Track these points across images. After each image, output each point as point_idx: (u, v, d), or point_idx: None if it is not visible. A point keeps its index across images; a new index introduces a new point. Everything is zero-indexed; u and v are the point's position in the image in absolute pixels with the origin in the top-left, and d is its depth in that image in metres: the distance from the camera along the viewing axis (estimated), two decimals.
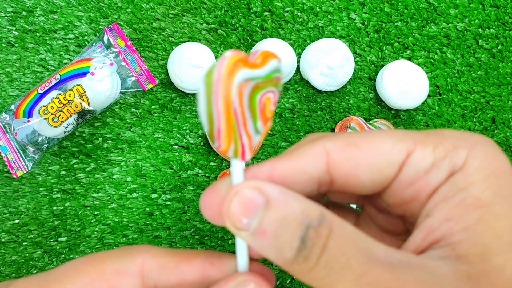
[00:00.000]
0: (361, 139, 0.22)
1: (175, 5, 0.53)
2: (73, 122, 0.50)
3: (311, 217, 0.20)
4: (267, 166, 0.22)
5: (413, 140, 0.21)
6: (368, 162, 0.21)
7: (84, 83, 0.49)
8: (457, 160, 0.21)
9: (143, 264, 0.23)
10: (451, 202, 0.20)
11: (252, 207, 0.20)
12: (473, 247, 0.20)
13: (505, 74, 0.54)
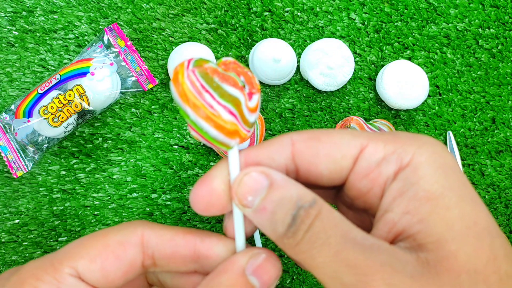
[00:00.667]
0: (323, 134, 0.25)
1: (175, 5, 0.53)
2: (73, 122, 0.50)
3: (304, 200, 0.23)
4: (243, 154, 0.25)
5: (368, 138, 0.24)
6: (326, 153, 0.24)
7: (84, 83, 0.49)
8: (404, 156, 0.23)
9: (142, 234, 0.26)
10: (406, 197, 0.23)
11: (257, 187, 0.24)
12: (429, 236, 0.22)
13: (505, 74, 0.54)
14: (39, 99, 0.49)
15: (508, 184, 0.53)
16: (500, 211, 0.53)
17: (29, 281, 0.25)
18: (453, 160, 0.23)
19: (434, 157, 0.23)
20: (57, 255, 0.26)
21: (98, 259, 0.25)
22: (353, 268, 0.21)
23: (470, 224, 0.22)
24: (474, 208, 0.22)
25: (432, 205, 0.22)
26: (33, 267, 0.25)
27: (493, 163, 0.53)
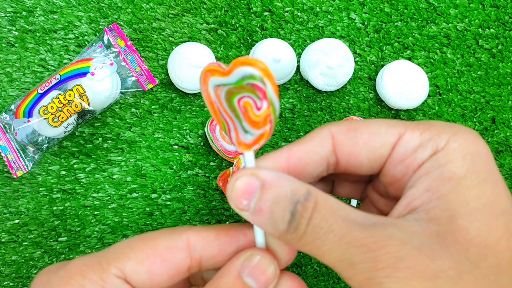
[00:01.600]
0: (361, 124, 0.26)
1: (175, 5, 0.53)
2: (73, 122, 0.50)
3: (299, 194, 0.23)
4: (285, 151, 0.26)
5: (405, 126, 0.25)
6: (366, 142, 0.25)
7: (84, 83, 0.49)
8: (440, 142, 0.24)
9: (188, 239, 0.26)
10: (431, 176, 0.24)
11: (250, 190, 0.24)
12: (443, 211, 0.23)
13: (505, 74, 0.54)
14: (39, 99, 0.49)
15: (508, 184, 0.53)
16: None
17: (76, 277, 0.25)
18: (485, 148, 0.24)
19: (466, 144, 0.24)
20: (106, 254, 0.26)
21: (146, 262, 0.25)
22: (360, 247, 0.22)
23: (487, 203, 0.23)
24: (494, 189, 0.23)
25: (453, 185, 0.23)
26: (81, 264, 0.26)
27: None
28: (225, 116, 0.28)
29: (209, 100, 0.28)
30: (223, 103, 0.28)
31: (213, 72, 0.27)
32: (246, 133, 0.28)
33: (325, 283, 0.52)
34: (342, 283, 0.52)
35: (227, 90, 0.27)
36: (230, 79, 0.26)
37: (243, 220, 0.52)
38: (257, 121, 0.26)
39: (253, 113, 0.27)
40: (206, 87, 0.28)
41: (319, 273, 0.52)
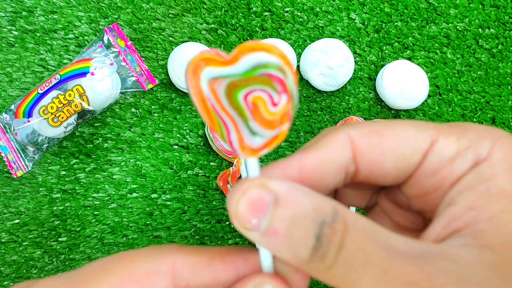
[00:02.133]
0: (385, 127, 0.22)
1: (175, 5, 0.53)
2: (73, 122, 0.50)
3: (324, 213, 0.19)
4: (296, 159, 0.22)
5: (437, 130, 0.21)
6: (393, 149, 0.21)
7: (84, 83, 0.49)
8: (482, 151, 0.20)
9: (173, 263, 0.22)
10: (475, 191, 0.20)
11: (261, 206, 0.19)
12: (499, 236, 0.19)
13: (505, 74, 0.54)
14: (39, 99, 0.49)
15: None
16: None
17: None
18: None
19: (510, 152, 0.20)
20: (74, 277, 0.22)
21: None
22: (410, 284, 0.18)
23: None
24: None
25: (505, 203, 0.19)
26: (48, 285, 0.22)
27: None
28: (222, 115, 0.23)
29: (200, 97, 0.22)
30: (222, 99, 0.23)
31: (209, 61, 0.22)
32: (253, 135, 0.23)
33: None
34: None
35: (229, 83, 0.22)
36: (235, 69, 0.21)
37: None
38: (272, 120, 0.22)
39: (266, 110, 0.22)
40: (196, 80, 0.22)
41: None
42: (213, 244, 0.52)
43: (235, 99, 0.22)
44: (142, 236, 0.52)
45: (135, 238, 0.52)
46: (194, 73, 0.22)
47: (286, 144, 0.53)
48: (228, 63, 0.21)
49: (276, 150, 0.53)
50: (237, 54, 0.21)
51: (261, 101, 0.22)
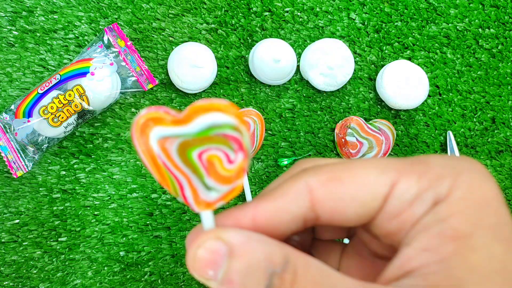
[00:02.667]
0: (344, 171, 0.22)
1: (175, 5, 0.53)
2: (73, 122, 0.50)
3: (275, 263, 0.20)
4: (250, 209, 0.22)
5: (397, 171, 0.21)
6: (352, 196, 0.21)
7: (84, 83, 0.49)
8: (441, 191, 0.20)
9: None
10: (430, 233, 0.20)
11: (216, 259, 0.20)
12: (446, 279, 0.19)
13: (505, 74, 0.54)
14: (39, 99, 0.49)
15: (508, 184, 0.53)
16: None
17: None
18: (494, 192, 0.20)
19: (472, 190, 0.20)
20: None
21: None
22: None
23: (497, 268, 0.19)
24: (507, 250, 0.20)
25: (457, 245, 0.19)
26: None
27: (493, 163, 0.53)
28: (175, 172, 0.23)
29: (149, 155, 0.23)
30: (174, 157, 0.23)
31: (158, 121, 0.22)
32: (209, 190, 0.23)
33: None
34: None
35: (182, 142, 0.23)
36: (188, 129, 0.22)
37: None
38: (229, 176, 0.23)
39: (222, 167, 0.23)
40: (145, 139, 0.22)
41: None
42: None
43: (189, 157, 0.23)
44: (142, 236, 0.52)
45: (135, 238, 0.52)
46: (142, 133, 0.22)
47: (286, 144, 0.53)
48: (180, 122, 0.22)
49: (276, 150, 0.53)
50: (190, 114, 0.21)
51: (216, 159, 0.23)
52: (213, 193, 0.23)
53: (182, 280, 0.52)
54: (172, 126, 0.22)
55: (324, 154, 0.53)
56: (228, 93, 0.53)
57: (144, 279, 0.52)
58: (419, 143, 0.53)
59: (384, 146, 0.52)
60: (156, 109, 0.22)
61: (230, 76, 0.53)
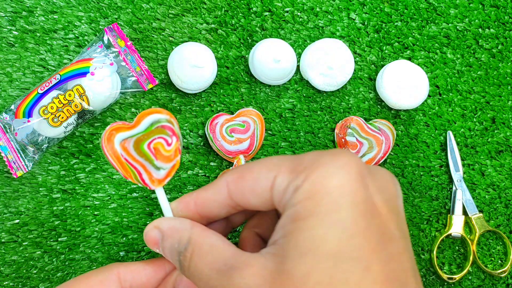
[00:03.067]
0: (247, 170, 0.29)
1: (175, 5, 0.53)
2: (73, 122, 0.50)
3: (181, 244, 0.29)
4: (193, 196, 0.31)
5: (279, 167, 0.27)
6: (250, 189, 0.29)
7: (84, 83, 0.49)
8: (298, 182, 0.26)
9: (118, 272, 0.32)
10: (285, 214, 0.26)
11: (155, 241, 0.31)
12: (281, 250, 0.25)
13: (505, 74, 0.54)
14: (39, 99, 0.49)
15: (508, 184, 0.53)
16: (500, 211, 0.53)
17: None
18: (340, 185, 0.25)
19: (318, 181, 0.25)
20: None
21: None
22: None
23: (313, 246, 0.24)
24: (329, 231, 0.24)
25: (294, 226, 0.25)
26: None
27: (493, 163, 0.53)
28: (134, 163, 0.34)
29: (115, 155, 0.34)
30: (132, 152, 0.34)
31: (118, 129, 0.34)
32: (158, 170, 0.34)
33: None
34: None
35: (135, 140, 0.34)
36: (138, 129, 0.34)
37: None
38: (169, 155, 0.34)
39: (164, 149, 0.34)
40: (111, 144, 0.34)
41: None
42: None
43: (142, 149, 0.34)
44: (142, 236, 0.52)
45: (135, 238, 0.52)
46: (109, 141, 0.34)
47: (286, 144, 0.53)
48: (132, 126, 0.33)
49: (276, 150, 0.53)
50: (138, 119, 0.33)
51: (160, 145, 0.34)
52: (162, 171, 0.34)
53: None
54: (127, 130, 0.33)
55: None
56: (228, 93, 0.53)
57: None
58: (419, 143, 0.53)
59: (384, 146, 0.52)
60: (116, 122, 0.33)
61: (230, 76, 0.53)
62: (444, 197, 0.53)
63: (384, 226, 0.26)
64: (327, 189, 0.25)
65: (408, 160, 0.53)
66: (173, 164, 0.34)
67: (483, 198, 0.53)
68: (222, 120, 0.51)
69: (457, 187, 0.53)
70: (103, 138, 0.34)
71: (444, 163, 0.53)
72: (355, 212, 0.25)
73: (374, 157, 0.52)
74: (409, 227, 0.53)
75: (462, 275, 0.52)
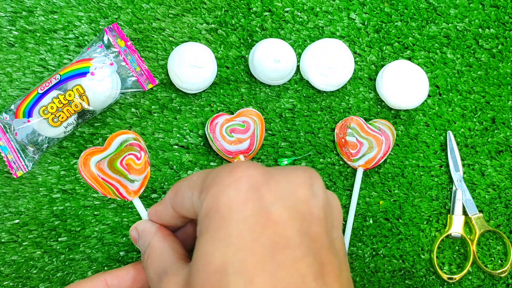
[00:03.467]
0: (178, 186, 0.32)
1: (175, 5, 0.53)
2: (73, 122, 0.50)
3: (145, 246, 0.33)
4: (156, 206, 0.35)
5: (195, 184, 0.29)
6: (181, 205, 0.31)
7: (84, 83, 0.49)
8: (201, 201, 0.28)
9: (106, 279, 0.35)
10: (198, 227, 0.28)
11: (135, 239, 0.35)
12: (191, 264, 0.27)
13: (505, 74, 0.54)
14: (39, 99, 0.49)
15: (508, 184, 0.53)
16: (500, 211, 0.53)
17: None
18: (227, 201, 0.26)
19: (210, 200, 0.27)
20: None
21: None
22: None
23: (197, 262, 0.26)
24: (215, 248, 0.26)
25: (197, 242, 0.27)
26: None
27: (493, 163, 0.53)
28: (110, 181, 0.39)
29: (93, 177, 0.39)
30: (107, 171, 0.39)
31: (92, 153, 0.38)
32: (132, 182, 0.40)
33: None
34: None
35: (109, 160, 0.39)
36: (109, 150, 0.38)
37: None
38: (140, 168, 0.39)
39: (135, 163, 0.39)
40: (87, 168, 0.38)
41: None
42: None
43: (116, 167, 0.39)
44: None
45: None
46: (85, 165, 0.38)
47: (286, 145, 0.53)
48: (104, 149, 0.38)
49: (276, 150, 0.53)
50: (108, 141, 0.38)
51: (131, 160, 0.39)
52: (136, 183, 0.40)
53: None
54: (100, 153, 0.38)
55: (324, 154, 0.53)
56: (228, 93, 0.53)
57: None
58: (419, 143, 0.53)
59: (384, 146, 0.52)
60: (89, 148, 0.38)
61: (230, 76, 0.53)
62: (444, 197, 0.53)
63: (277, 235, 0.26)
64: (217, 207, 0.26)
65: (408, 160, 0.53)
66: (144, 175, 0.40)
67: (483, 198, 0.53)
68: (222, 120, 0.51)
69: (457, 187, 0.53)
70: (80, 163, 0.38)
71: (444, 163, 0.53)
72: (242, 227, 0.25)
73: (374, 157, 0.52)
74: (409, 227, 0.53)
75: (462, 275, 0.52)
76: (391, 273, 0.53)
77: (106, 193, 0.39)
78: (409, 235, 0.53)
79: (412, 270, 0.53)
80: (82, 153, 0.38)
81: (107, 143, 0.38)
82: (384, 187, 0.53)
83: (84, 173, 0.39)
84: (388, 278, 0.53)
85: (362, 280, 0.52)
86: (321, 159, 0.53)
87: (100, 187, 0.39)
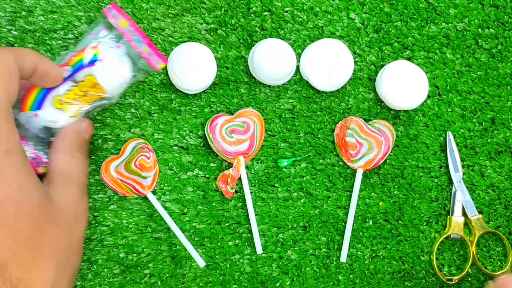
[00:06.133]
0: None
1: (175, 5, 0.53)
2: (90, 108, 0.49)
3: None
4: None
5: None
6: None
7: (94, 72, 0.48)
8: None
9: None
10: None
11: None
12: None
13: (505, 74, 0.54)
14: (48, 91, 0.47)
15: (508, 185, 0.53)
16: (499, 212, 0.53)
17: None
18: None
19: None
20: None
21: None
22: None
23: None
24: None
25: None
26: None
27: (493, 164, 0.53)
28: (128, 181, 0.49)
29: (114, 180, 0.49)
30: (124, 173, 0.49)
31: (111, 160, 0.50)
32: (145, 179, 0.50)
33: (325, 284, 0.52)
34: (341, 285, 0.52)
35: (125, 163, 0.49)
36: (125, 155, 0.50)
37: (242, 221, 0.52)
38: (150, 166, 0.50)
39: (146, 162, 0.50)
40: (108, 173, 0.49)
41: (319, 275, 0.52)
42: (213, 246, 0.52)
43: (131, 168, 0.50)
44: (142, 237, 0.52)
45: (135, 239, 0.52)
46: (106, 171, 0.49)
47: (286, 145, 0.53)
48: (120, 155, 0.50)
49: (276, 151, 0.53)
50: (124, 148, 0.50)
51: (143, 161, 0.50)
52: (148, 179, 0.51)
53: (182, 282, 0.52)
54: (118, 159, 0.50)
55: (323, 155, 0.53)
56: (228, 94, 0.53)
57: (144, 281, 0.51)
58: (419, 143, 0.53)
59: (384, 147, 0.52)
60: (108, 158, 0.50)
61: (229, 76, 0.53)
62: (444, 198, 0.53)
63: None
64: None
65: (407, 161, 0.53)
66: (155, 171, 0.51)
67: (482, 199, 0.53)
68: (222, 121, 0.51)
69: (457, 188, 0.52)
70: (102, 171, 0.49)
71: (443, 164, 0.53)
72: None
73: (373, 158, 0.52)
74: (409, 228, 0.53)
75: (461, 276, 0.52)
76: (390, 274, 0.52)
77: (124, 192, 0.50)
78: (409, 236, 0.53)
79: (412, 272, 0.53)
80: (104, 162, 0.49)
81: (122, 150, 0.50)
82: (383, 188, 0.53)
83: (106, 178, 0.49)
84: (387, 280, 0.52)
85: (362, 282, 0.52)
86: (321, 160, 0.53)
87: (119, 188, 0.49)
